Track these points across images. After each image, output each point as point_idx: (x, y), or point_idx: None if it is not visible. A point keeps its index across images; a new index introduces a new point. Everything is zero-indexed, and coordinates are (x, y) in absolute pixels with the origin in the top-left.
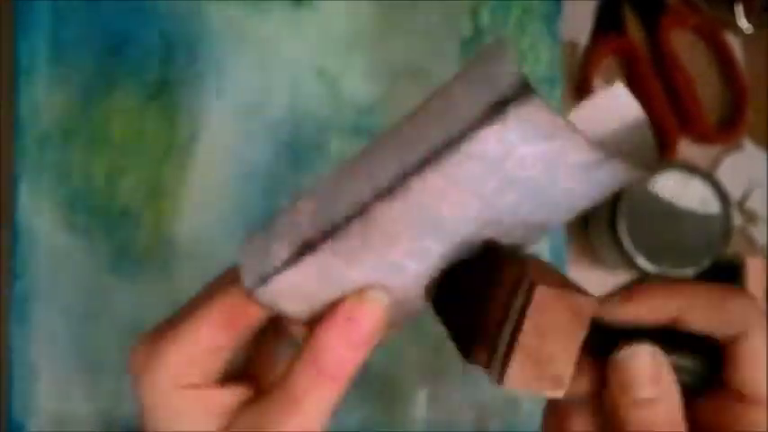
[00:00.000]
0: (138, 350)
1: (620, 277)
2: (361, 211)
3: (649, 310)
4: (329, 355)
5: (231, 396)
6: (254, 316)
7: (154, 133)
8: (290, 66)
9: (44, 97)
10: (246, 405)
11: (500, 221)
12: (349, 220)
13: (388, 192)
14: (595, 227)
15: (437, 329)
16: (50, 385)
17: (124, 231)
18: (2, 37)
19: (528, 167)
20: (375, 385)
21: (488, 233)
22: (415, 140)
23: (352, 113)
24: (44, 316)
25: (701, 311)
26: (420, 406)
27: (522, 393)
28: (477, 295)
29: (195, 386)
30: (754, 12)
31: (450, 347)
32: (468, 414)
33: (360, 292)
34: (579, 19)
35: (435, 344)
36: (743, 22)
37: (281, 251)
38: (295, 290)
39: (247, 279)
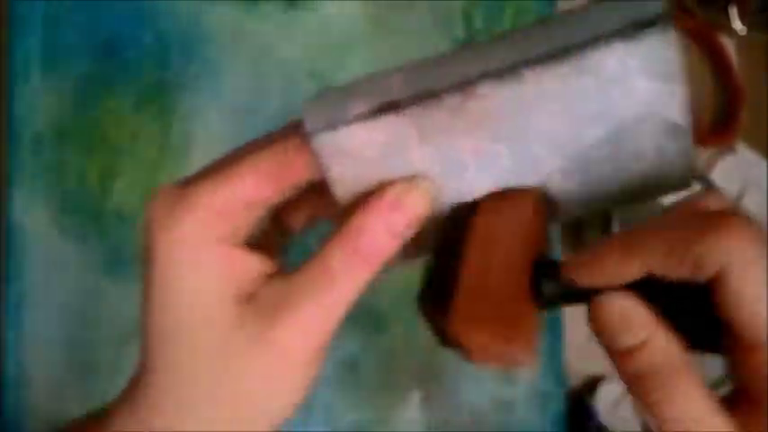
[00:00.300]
0: (164, 192)
1: None
2: (463, 86)
3: (611, 274)
4: (369, 238)
5: (259, 263)
6: (300, 174)
7: (148, 135)
8: (284, 67)
9: (39, 99)
10: (272, 277)
11: (567, 156)
12: (448, 91)
13: (498, 75)
14: (589, 228)
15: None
16: (44, 387)
17: (118, 233)
18: None
19: (632, 104)
20: (370, 387)
21: (548, 166)
22: (542, 41)
23: None
24: (38, 318)
25: (666, 263)
26: (414, 407)
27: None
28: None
29: (224, 241)
30: (748, 14)
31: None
32: (463, 415)
33: (411, 178)
34: None
35: (430, 345)
36: (737, 25)
37: (360, 106)
38: (355, 153)
39: (311, 123)
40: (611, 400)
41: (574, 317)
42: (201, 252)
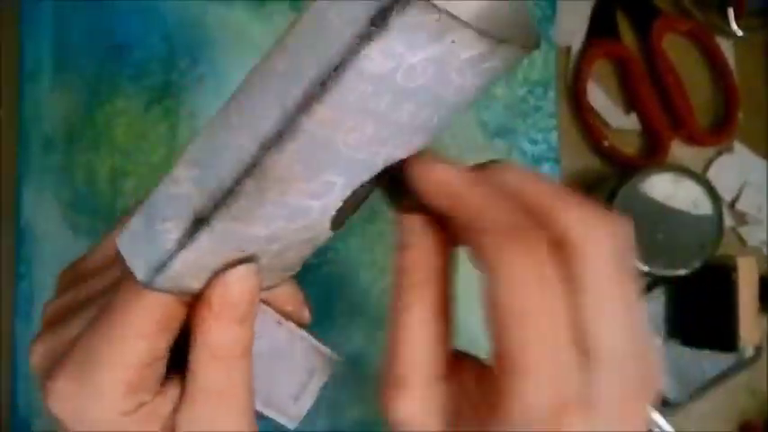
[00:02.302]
0: (61, 388)
1: None
2: (250, 168)
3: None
4: (216, 338)
5: (169, 403)
6: (183, 305)
7: (156, 136)
8: None
9: (48, 101)
10: (178, 406)
11: (398, 134)
12: (240, 181)
13: (276, 140)
14: None
15: None
16: None
17: None
18: (7, 41)
19: (419, 75)
20: (373, 383)
21: (388, 149)
22: (293, 75)
23: None
24: None
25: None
26: None
27: None
28: None
29: (139, 407)
30: (744, 16)
31: None
32: None
33: (223, 274)
34: (573, 23)
35: None
36: (734, 27)
37: (172, 231)
38: (195, 266)
39: (139, 272)
40: None
41: None
42: (115, 425)
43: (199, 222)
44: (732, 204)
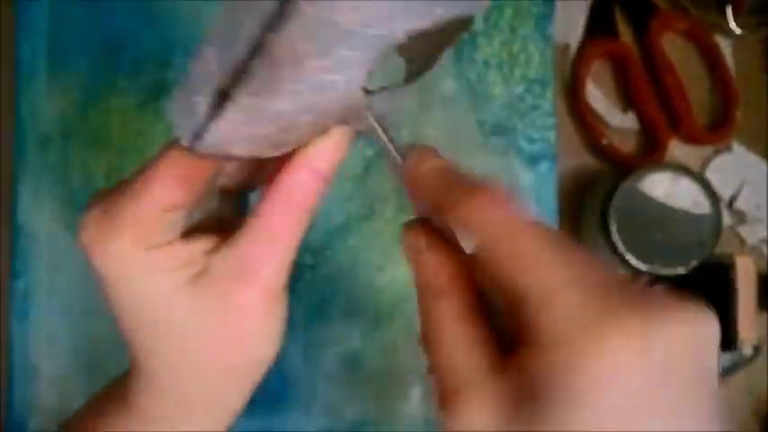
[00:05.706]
0: (90, 218)
1: None
2: (256, 48)
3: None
4: (295, 187)
5: (199, 245)
6: (208, 169)
7: (152, 134)
8: None
9: (44, 99)
10: (219, 248)
11: (415, 6)
12: (249, 60)
13: (276, 20)
14: (587, 226)
15: None
16: (50, 383)
17: None
18: (3, 40)
19: None
20: (370, 382)
21: (407, 23)
22: None
23: None
24: (44, 314)
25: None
26: (414, 403)
27: None
28: None
29: (158, 246)
30: (742, 14)
31: None
32: None
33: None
34: (571, 21)
35: None
36: (732, 25)
37: (201, 103)
38: (233, 134)
39: (183, 138)
40: None
41: None
42: (138, 261)
43: (222, 97)
44: (730, 203)
